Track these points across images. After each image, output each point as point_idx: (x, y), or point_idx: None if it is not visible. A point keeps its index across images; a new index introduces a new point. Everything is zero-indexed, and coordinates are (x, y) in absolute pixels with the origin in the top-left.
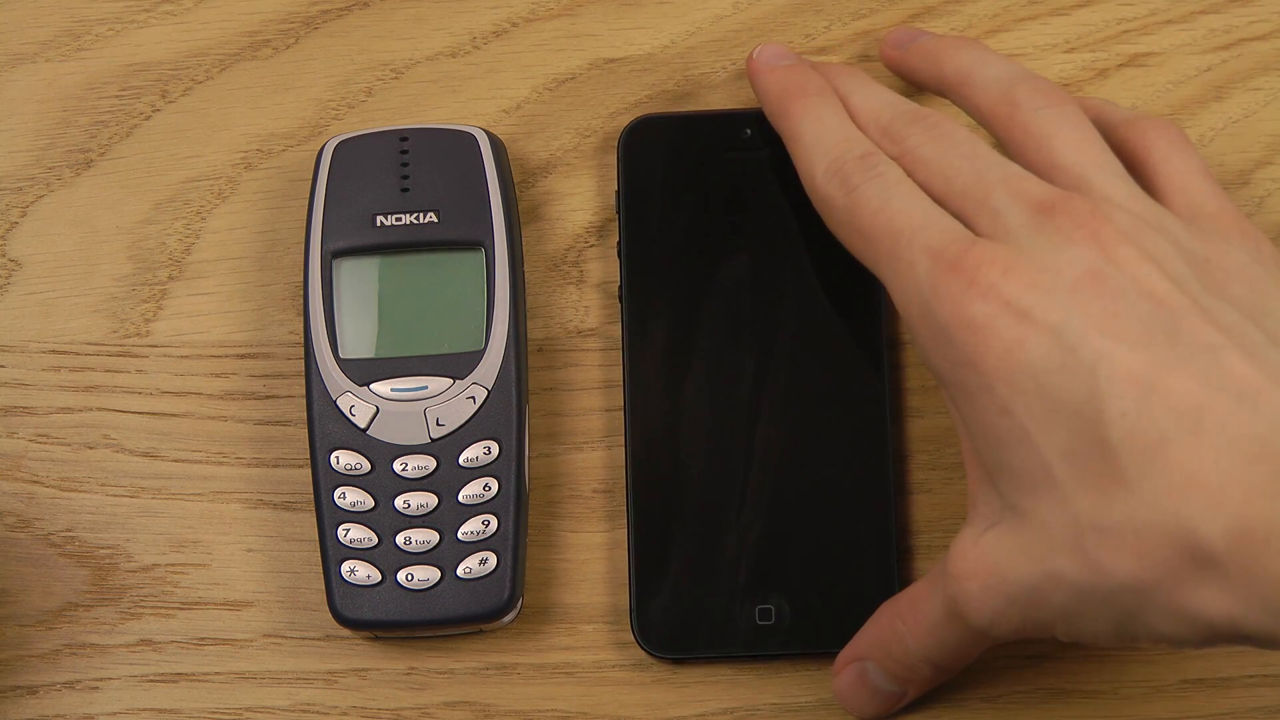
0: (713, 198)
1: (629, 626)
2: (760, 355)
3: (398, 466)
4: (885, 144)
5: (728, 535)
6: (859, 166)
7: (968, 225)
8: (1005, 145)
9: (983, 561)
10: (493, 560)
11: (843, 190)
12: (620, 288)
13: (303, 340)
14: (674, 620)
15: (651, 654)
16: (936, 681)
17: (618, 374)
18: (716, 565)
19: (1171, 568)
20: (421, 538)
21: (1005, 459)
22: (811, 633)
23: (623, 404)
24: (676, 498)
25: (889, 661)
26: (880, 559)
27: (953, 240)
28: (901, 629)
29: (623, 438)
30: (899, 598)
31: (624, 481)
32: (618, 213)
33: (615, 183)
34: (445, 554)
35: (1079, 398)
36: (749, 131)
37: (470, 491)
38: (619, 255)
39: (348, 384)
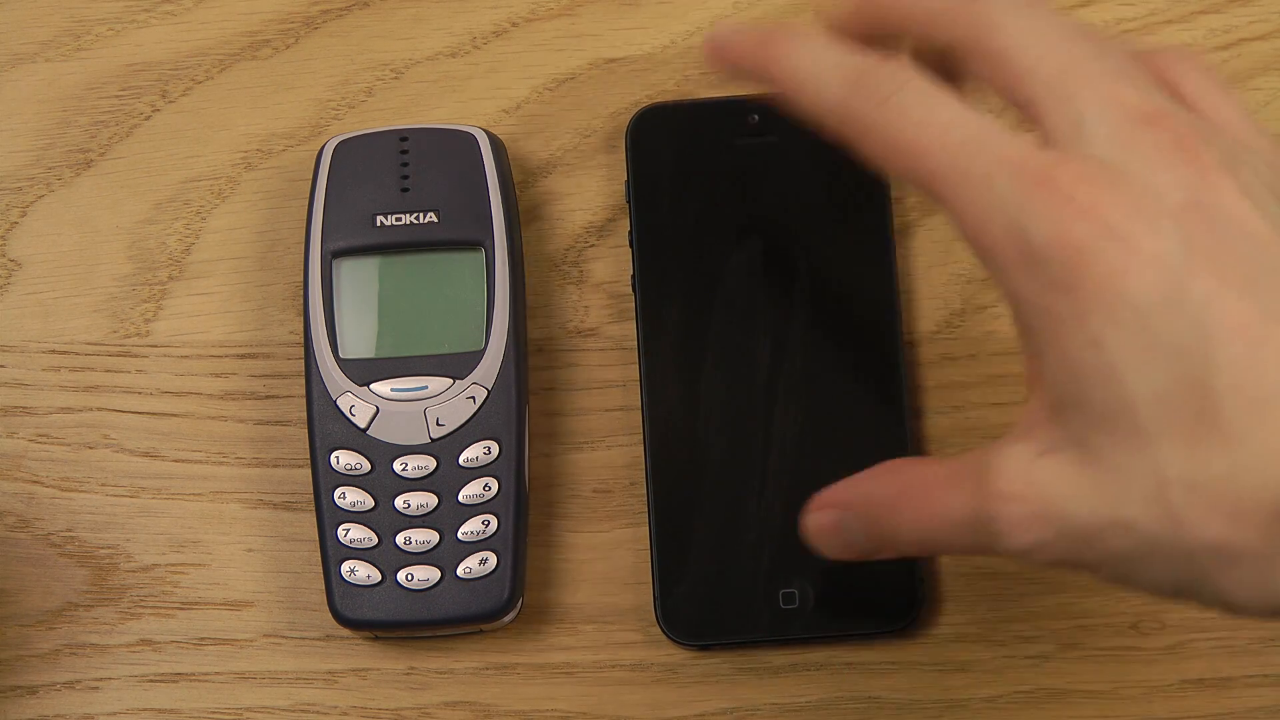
0: (722, 184)
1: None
2: (775, 339)
3: (398, 466)
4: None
5: (749, 521)
6: (884, 73)
7: (1036, 123)
8: None
9: (1035, 487)
10: (493, 560)
11: (873, 102)
12: (633, 278)
13: (303, 340)
14: (698, 607)
15: (676, 642)
16: (917, 556)
17: (618, 373)
18: (738, 551)
19: (1271, 537)
20: (421, 538)
21: (1084, 394)
22: (835, 615)
23: (639, 393)
24: (696, 485)
25: (873, 526)
26: None
27: (1032, 151)
28: (903, 508)
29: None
30: (908, 474)
31: (643, 470)
32: (628, 202)
33: (625, 173)
34: (445, 554)
35: (1185, 338)
36: (755, 117)
37: (470, 491)
38: (631, 245)
39: (348, 384)
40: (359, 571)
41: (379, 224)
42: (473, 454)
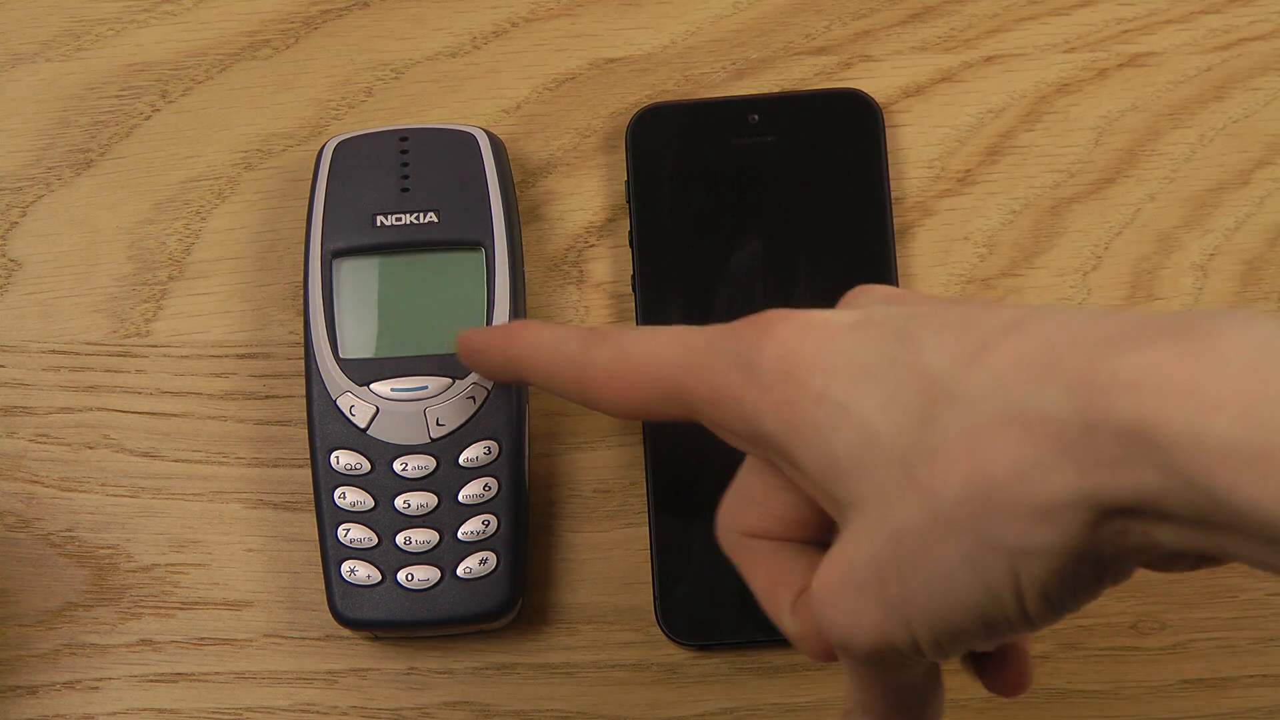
0: (722, 184)
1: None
2: None
3: (398, 466)
4: None
5: None
6: (610, 327)
7: None
8: None
9: (831, 565)
10: (493, 560)
11: (608, 342)
12: (634, 278)
13: (303, 340)
14: (698, 608)
15: (676, 642)
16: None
17: None
18: None
19: (1007, 456)
20: (422, 538)
21: (831, 449)
22: None
23: None
24: (695, 486)
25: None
26: None
27: (724, 324)
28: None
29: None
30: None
31: (643, 470)
32: (628, 202)
33: (625, 173)
34: (445, 554)
35: (893, 351)
36: (755, 117)
37: (470, 491)
38: (631, 245)
39: (348, 384)
40: (359, 571)
41: (379, 224)
42: (473, 454)
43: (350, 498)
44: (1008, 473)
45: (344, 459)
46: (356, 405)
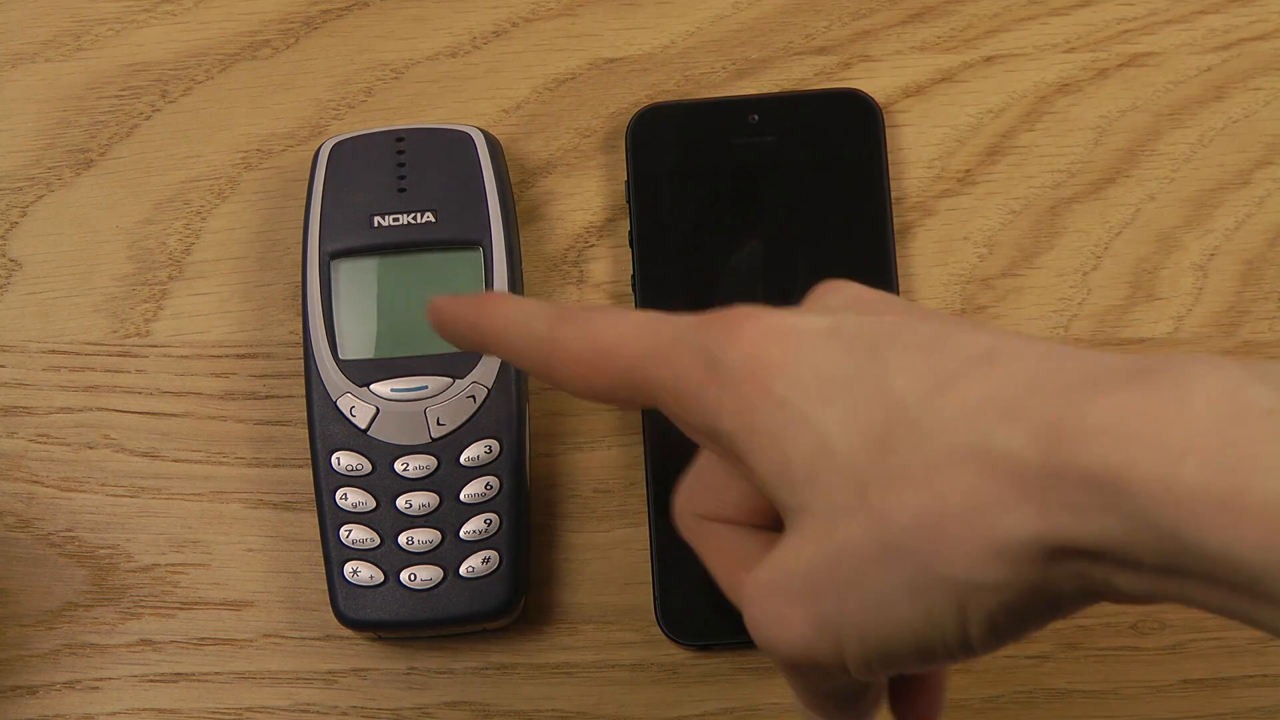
0: (722, 184)
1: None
2: None
3: (399, 467)
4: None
5: None
6: (583, 304)
7: None
8: None
9: (766, 567)
10: (496, 558)
11: (577, 321)
12: (634, 278)
13: (302, 342)
14: (698, 607)
15: (676, 642)
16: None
17: None
18: None
19: (965, 490)
20: (424, 537)
21: (785, 455)
22: None
23: None
24: None
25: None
26: None
27: (711, 312)
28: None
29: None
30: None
31: (643, 470)
32: (628, 202)
33: (625, 173)
34: (448, 553)
35: (861, 367)
36: (755, 117)
37: (472, 490)
38: (631, 245)
39: (348, 385)
40: (361, 572)
41: (376, 224)
42: (474, 453)
43: (352, 499)
44: (963, 505)
45: (345, 460)
46: (357, 406)
